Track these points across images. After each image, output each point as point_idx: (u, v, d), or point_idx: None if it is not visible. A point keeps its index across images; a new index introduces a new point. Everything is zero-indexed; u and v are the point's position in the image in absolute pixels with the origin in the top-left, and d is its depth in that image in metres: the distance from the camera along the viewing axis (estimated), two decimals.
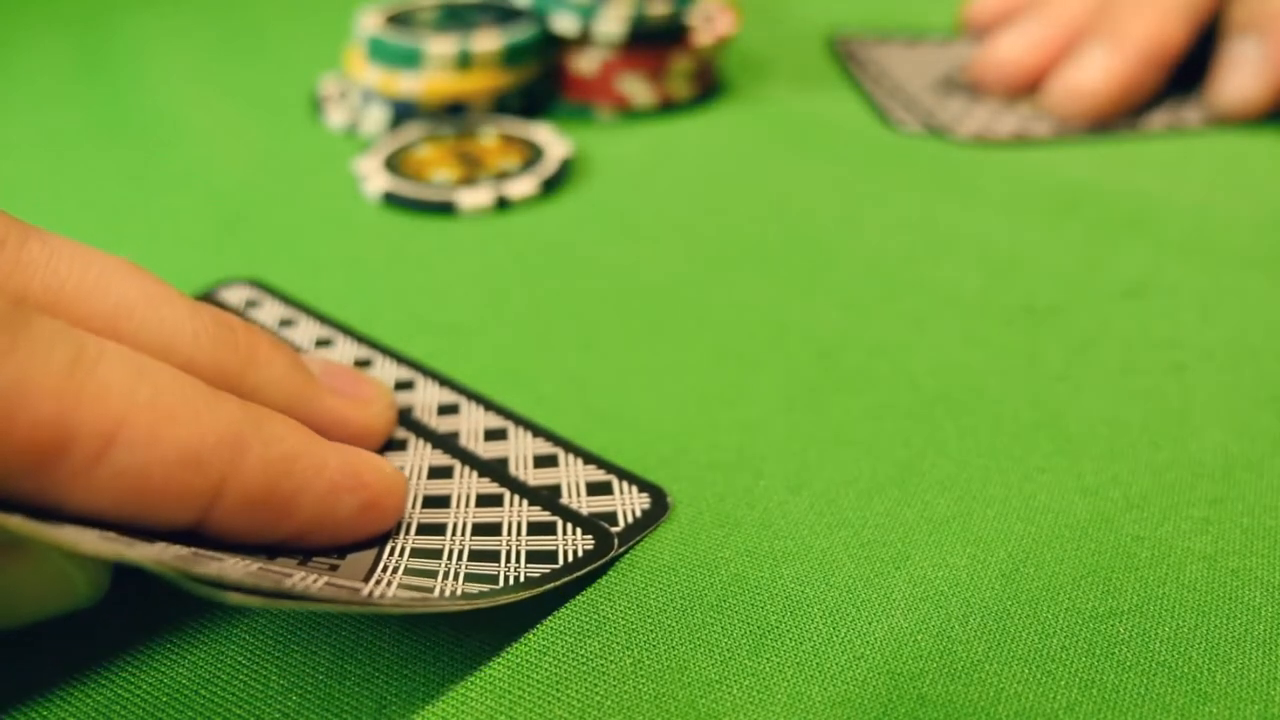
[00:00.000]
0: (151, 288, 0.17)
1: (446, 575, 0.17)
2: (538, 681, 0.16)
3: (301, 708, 0.16)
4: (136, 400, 0.14)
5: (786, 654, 0.16)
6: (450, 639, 0.17)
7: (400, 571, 0.17)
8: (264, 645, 0.17)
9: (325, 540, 0.17)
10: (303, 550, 0.17)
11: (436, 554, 0.17)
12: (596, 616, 0.17)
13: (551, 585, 0.17)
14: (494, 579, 0.17)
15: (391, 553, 0.17)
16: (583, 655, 0.16)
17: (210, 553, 0.15)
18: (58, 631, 0.16)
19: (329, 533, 0.17)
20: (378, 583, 0.16)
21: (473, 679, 0.16)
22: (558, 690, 0.16)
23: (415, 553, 0.17)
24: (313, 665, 0.16)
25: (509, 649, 0.16)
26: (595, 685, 0.16)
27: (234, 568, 0.14)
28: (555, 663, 0.16)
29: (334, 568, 0.16)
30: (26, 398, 0.13)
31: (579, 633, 0.17)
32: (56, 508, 0.14)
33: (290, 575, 0.15)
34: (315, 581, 0.15)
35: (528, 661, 0.16)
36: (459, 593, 0.16)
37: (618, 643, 0.17)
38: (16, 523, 0.13)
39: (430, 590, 0.16)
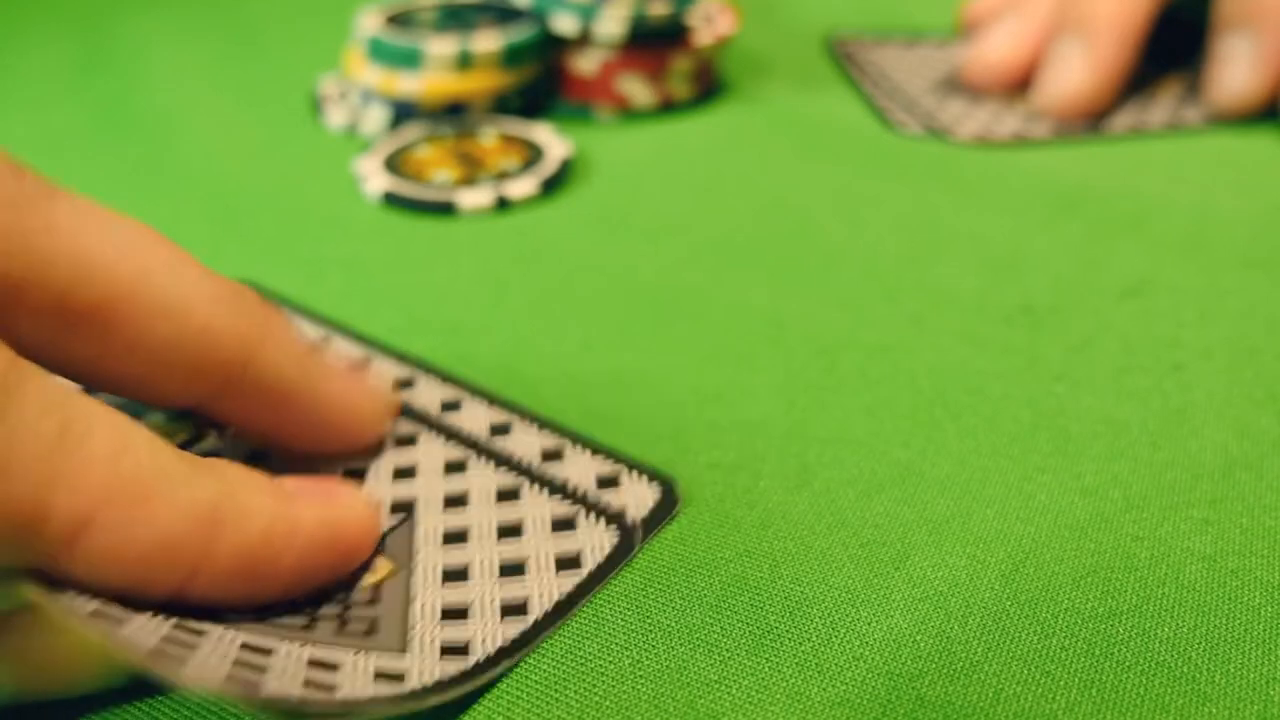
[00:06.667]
0: (173, 254, 0.17)
1: (483, 611, 0.17)
2: (536, 682, 0.16)
3: None
4: (113, 486, 0.14)
5: (786, 654, 0.16)
6: None
7: (437, 616, 0.17)
8: None
9: (310, 590, 0.17)
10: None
11: (464, 574, 0.17)
12: (595, 617, 0.17)
13: (582, 602, 0.17)
14: (523, 608, 0.17)
15: (426, 585, 0.17)
16: (581, 656, 0.16)
17: (199, 624, 0.15)
18: None
19: (312, 587, 0.17)
20: (421, 649, 0.16)
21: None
22: (556, 691, 0.16)
23: (447, 575, 0.17)
24: None
25: None
26: (594, 686, 0.16)
27: (282, 664, 0.14)
28: (554, 663, 0.16)
29: (371, 629, 0.16)
30: (4, 473, 0.13)
31: (578, 633, 0.17)
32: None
33: (338, 667, 0.15)
34: (365, 677, 0.15)
35: (526, 661, 0.16)
36: (499, 638, 0.16)
37: (616, 643, 0.17)
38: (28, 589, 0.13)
39: (466, 648, 0.16)
